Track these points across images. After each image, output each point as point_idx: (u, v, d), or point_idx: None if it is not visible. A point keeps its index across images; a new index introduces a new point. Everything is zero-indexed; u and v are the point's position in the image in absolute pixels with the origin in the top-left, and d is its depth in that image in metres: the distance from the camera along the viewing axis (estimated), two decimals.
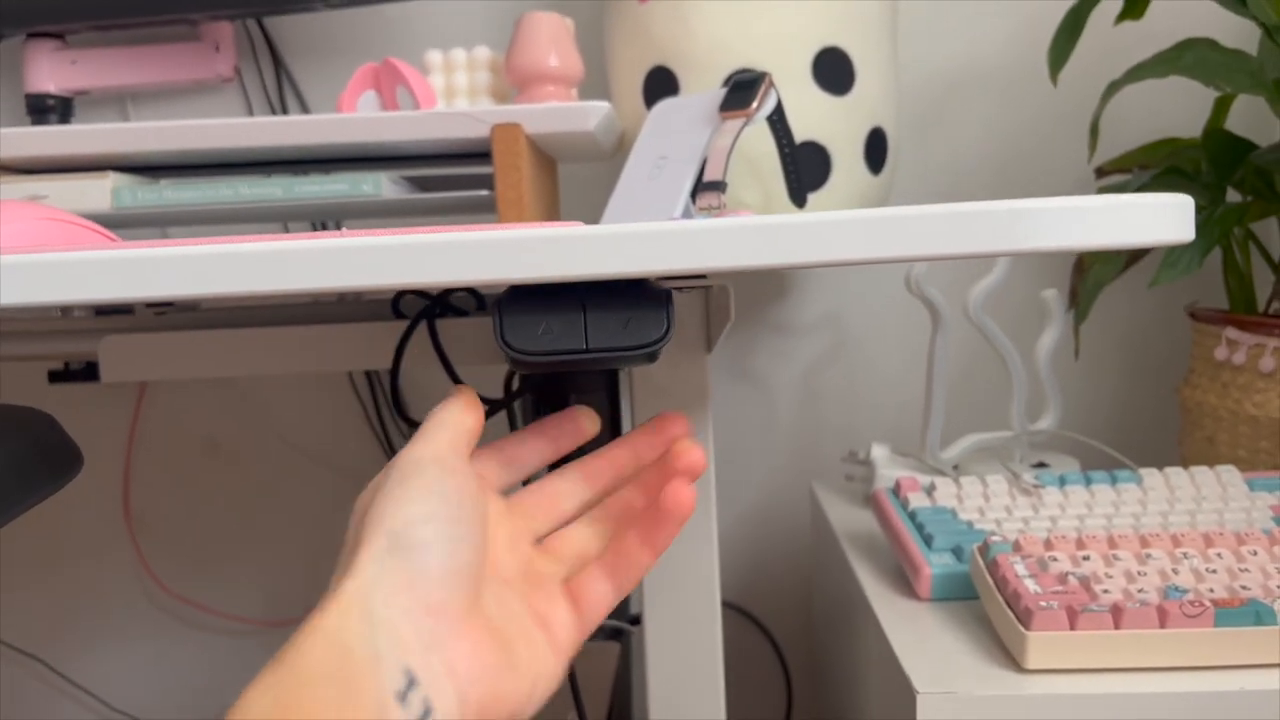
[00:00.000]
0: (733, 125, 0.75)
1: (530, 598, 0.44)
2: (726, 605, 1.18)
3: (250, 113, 1.15)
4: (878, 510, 0.81)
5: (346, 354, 0.71)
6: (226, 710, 0.35)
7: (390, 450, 1.18)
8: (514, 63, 0.85)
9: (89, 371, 1.16)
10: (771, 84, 0.76)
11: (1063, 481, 0.80)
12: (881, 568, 0.78)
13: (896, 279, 1.14)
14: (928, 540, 0.73)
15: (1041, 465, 0.93)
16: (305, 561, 1.20)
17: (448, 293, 0.71)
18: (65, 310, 0.86)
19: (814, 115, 0.87)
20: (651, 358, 0.36)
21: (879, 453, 0.95)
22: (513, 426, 0.64)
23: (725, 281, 0.63)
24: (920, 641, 0.64)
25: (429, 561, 0.37)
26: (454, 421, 0.43)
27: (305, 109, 1.14)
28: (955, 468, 0.94)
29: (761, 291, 1.15)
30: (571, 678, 0.68)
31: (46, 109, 1.08)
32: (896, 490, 0.82)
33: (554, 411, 0.67)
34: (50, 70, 1.07)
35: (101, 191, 0.84)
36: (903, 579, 0.74)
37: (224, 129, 0.81)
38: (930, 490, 0.80)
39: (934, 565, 0.71)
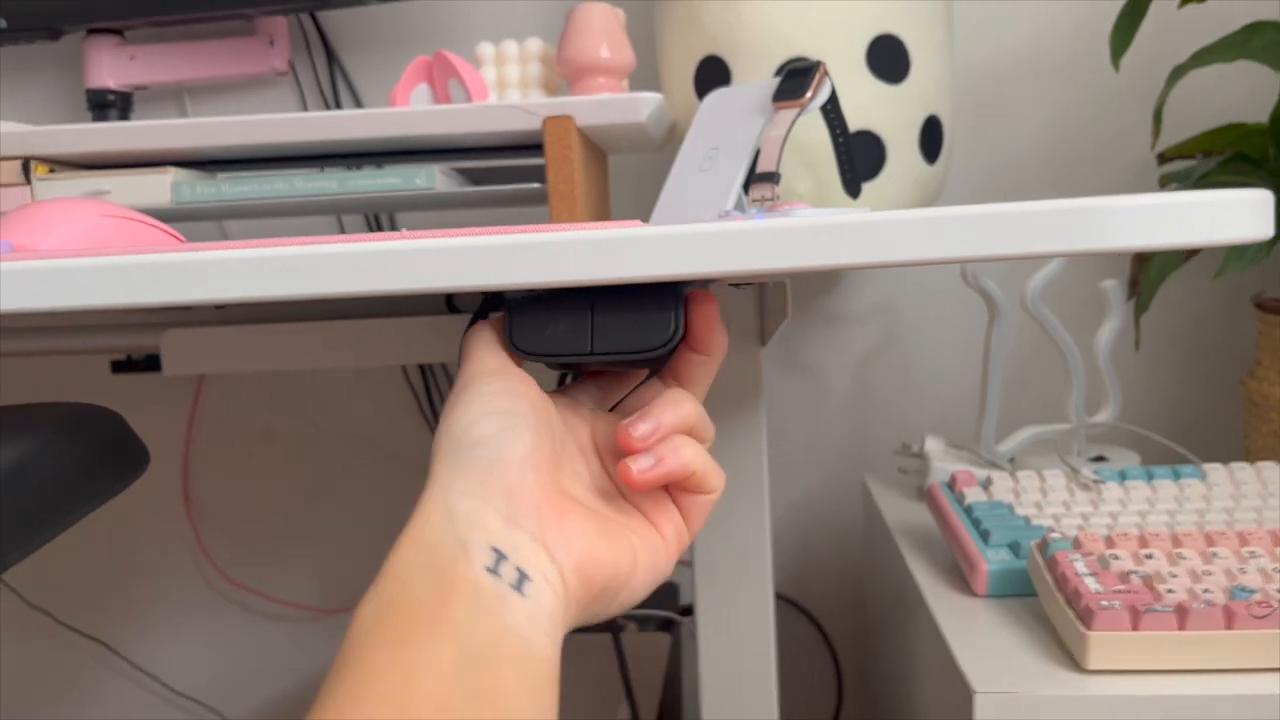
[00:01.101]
0: (786, 115, 0.74)
1: (630, 495, 0.45)
2: (777, 597, 1.18)
3: (304, 106, 1.16)
4: (933, 505, 0.80)
5: (401, 348, 0.72)
6: (284, 694, 0.35)
7: None
8: (565, 54, 0.85)
9: (151, 363, 1.19)
10: (826, 73, 0.75)
11: (1123, 476, 0.78)
12: (936, 563, 0.77)
13: (951, 269, 1.12)
14: (984, 536, 0.72)
15: (1100, 459, 0.91)
16: (361, 550, 1.22)
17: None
18: None
19: (868, 104, 0.85)
20: (661, 361, 0.36)
21: (933, 445, 0.94)
22: None
23: (782, 278, 0.62)
24: (977, 639, 0.63)
25: (493, 453, 0.38)
26: (491, 339, 0.43)
27: (358, 102, 1.15)
28: (1011, 461, 0.93)
29: (813, 282, 1.14)
30: (622, 668, 0.68)
31: (106, 104, 1.10)
32: (952, 484, 0.81)
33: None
34: (110, 66, 1.09)
35: (161, 186, 0.85)
36: (958, 575, 0.74)
37: (279, 124, 0.82)
38: (986, 484, 0.79)
39: (991, 561, 0.70)
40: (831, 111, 0.78)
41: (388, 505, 1.21)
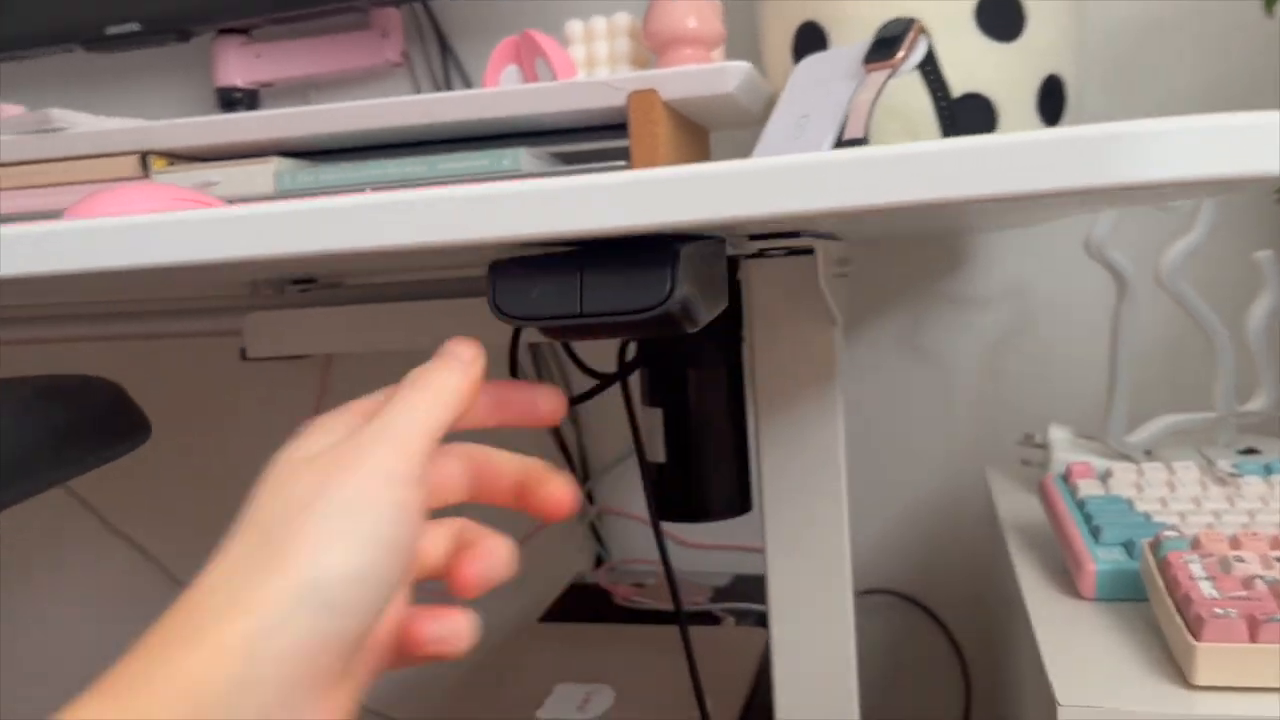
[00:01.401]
0: (876, 78, 0.69)
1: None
2: (899, 596, 1.12)
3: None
4: (1045, 498, 0.73)
5: (474, 328, 0.71)
6: (420, 676, 0.32)
7: (556, 436, 1.19)
8: (651, 27, 0.82)
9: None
10: (921, 31, 0.70)
11: (1269, 470, 0.69)
12: (1046, 562, 0.71)
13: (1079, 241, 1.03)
14: (1095, 533, 0.66)
15: (1251, 452, 0.82)
16: None
17: None
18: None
19: (976, 65, 0.79)
20: (662, 324, 0.32)
21: (1057, 435, 0.87)
22: (627, 403, 0.62)
23: (850, 245, 0.57)
24: (1074, 647, 0.57)
25: (344, 626, 0.31)
26: (432, 408, 0.37)
27: (470, 89, 1.15)
28: (1147, 453, 0.84)
29: (933, 260, 1.08)
30: (692, 669, 0.65)
31: (235, 101, 1.14)
32: (1066, 476, 0.74)
33: (671, 388, 0.64)
34: (237, 64, 1.13)
35: (265, 176, 0.88)
36: (1067, 575, 0.67)
37: (360, 110, 0.83)
38: (1105, 477, 0.72)
39: (1099, 561, 0.63)
40: (930, 73, 0.73)
41: None
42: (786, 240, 0.42)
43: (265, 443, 1.27)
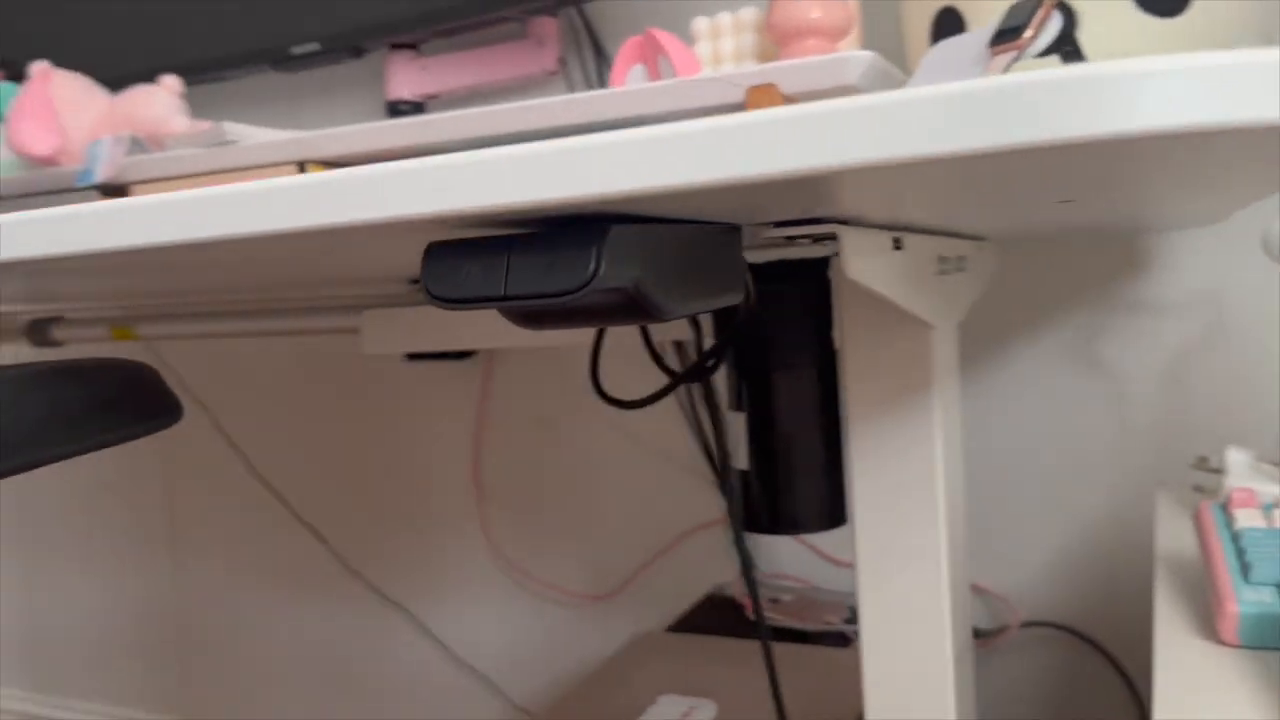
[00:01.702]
0: (1001, 62, 0.64)
1: None
2: (1067, 630, 1.03)
3: None
4: (1198, 527, 0.65)
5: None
6: (558, 678, 0.33)
7: (701, 434, 1.17)
8: (774, 19, 0.79)
9: (440, 353, 1.28)
10: (1053, 8, 0.64)
11: None
12: (1191, 599, 0.63)
13: None
14: (1245, 569, 0.57)
15: None
16: (625, 541, 1.23)
17: None
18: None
19: (1133, 42, 0.71)
20: (607, 308, 0.30)
21: (1236, 459, 0.77)
22: (710, 399, 0.59)
23: (982, 244, 0.53)
24: (1198, 697, 0.50)
25: None
26: None
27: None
28: None
29: (1110, 262, 0.98)
30: (774, 690, 0.62)
31: (403, 113, 1.19)
32: (1226, 505, 0.65)
33: (754, 391, 0.61)
34: (405, 78, 1.19)
35: None
36: (1211, 616, 0.59)
37: (489, 116, 0.84)
38: (1271, 508, 0.63)
39: (1244, 602, 0.55)
40: (1071, 54, 0.66)
41: (647, 499, 1.21)
42: (807, 227, 0.39)
43: (431, 439, 1.32)
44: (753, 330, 0.60)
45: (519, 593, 1.30)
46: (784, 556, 1.16)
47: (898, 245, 0.50)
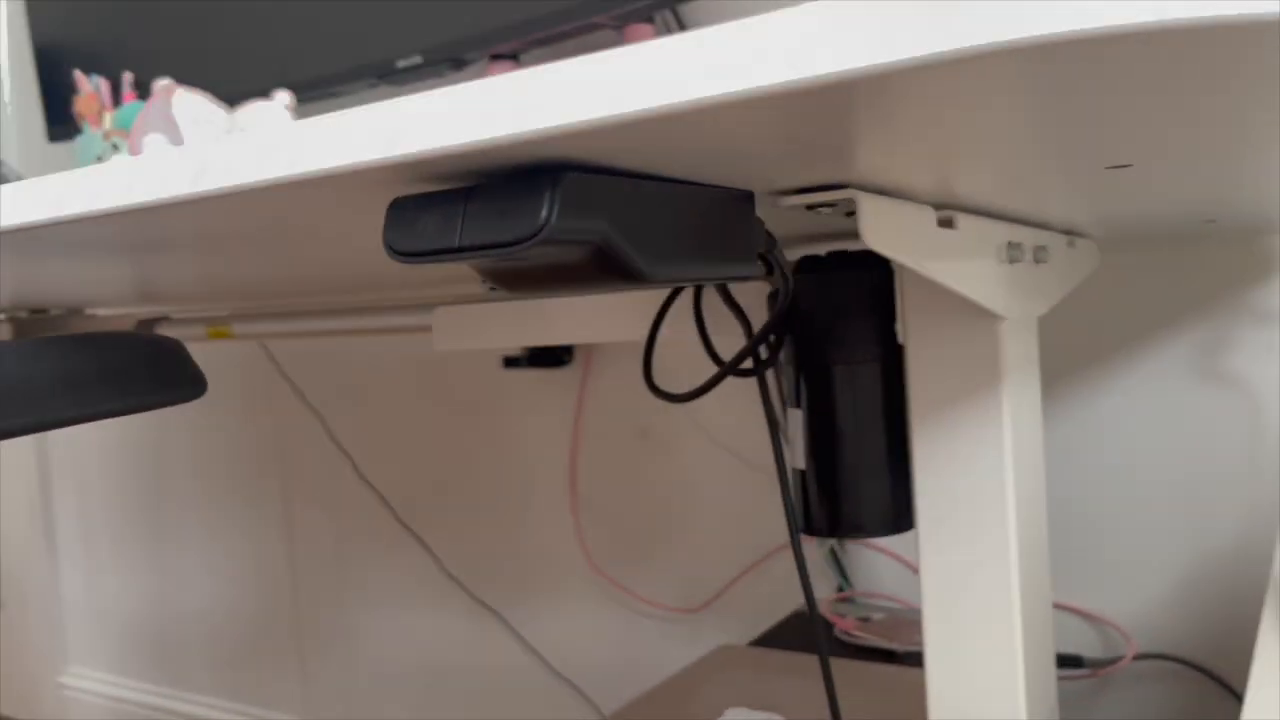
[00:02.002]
0: None
1: None
2: (1185, 663, 0.95)
3: None
4: None
5: (646, 319, 0.69)
6: (646, 686, 0.32)
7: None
8: None
9: (537, 359, 1.28)
10: None
11: None
12: None
13: None
14: None
15: None
16: (718, 555, 1.20)
17: None
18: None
19: None
20: (571, 273, 0.28)
21: None
22: (765, 396, 0.57)
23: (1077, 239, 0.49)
24: None
25: None
26: None
27: None
28: None
29: (1236, 265, 0.91)
30: (834, 710, 0.58)
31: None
32: None
33: (812, 386, 0.58)
34: None
35: None
36: None
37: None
38: None
39: None
40: None
41: (741, 513, 1.18)
42: (819, 194, 0.36)
43: (529, 447, 1.32)
44: (810, 322, 0.57)
45: (610, 603, 1.29)
46: (883, 575, 1.11)
47: (948, 224, 0.46)
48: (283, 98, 1.14)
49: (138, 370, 0.39)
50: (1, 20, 1.92)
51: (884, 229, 0.39)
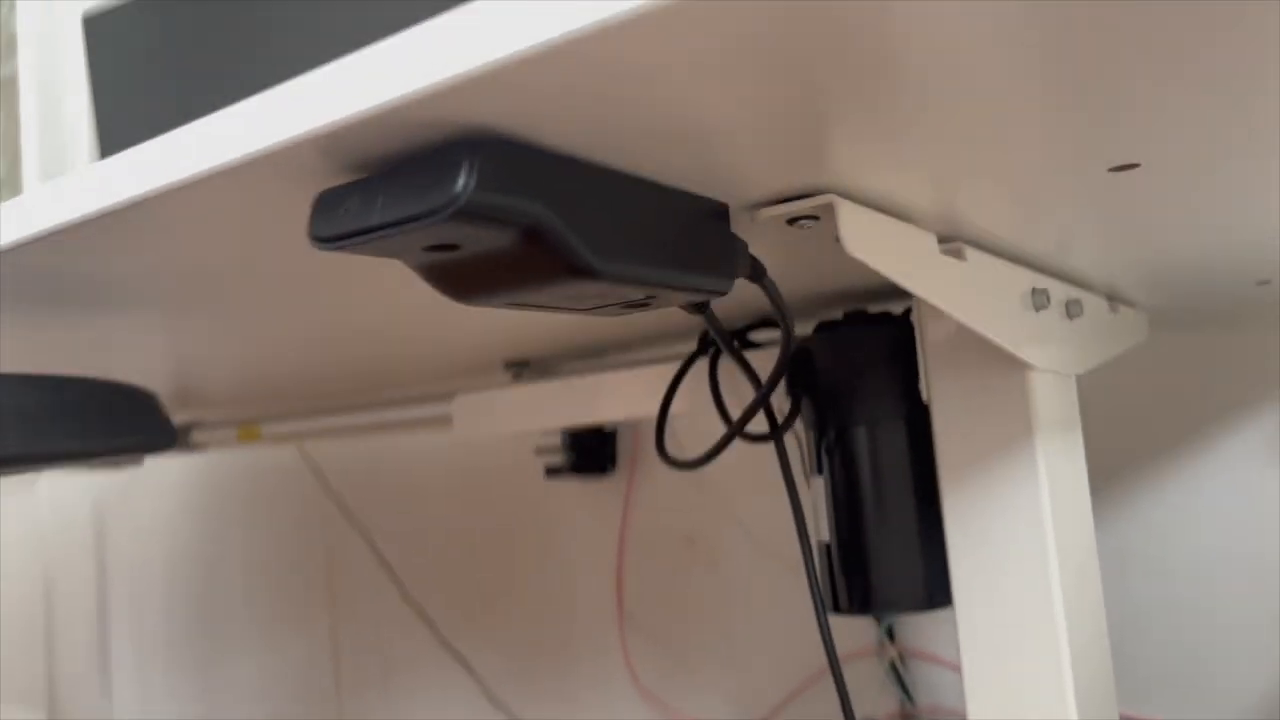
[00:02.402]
0: None
1: None
2: None
3: None
4: None
5: (655, 400, 0.66)
6: None
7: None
8: None
9: (579, 464, 1.26)
10: None
11: None
12: None
13: None
14: None
15: None
16: (771, 671, 1.13)
17: (739, 332, 0.63)
18: None
19: None
20: (507, 263, 0.25)
21: None
22: (784, 461, 0.53)
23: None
24: None
25: None
26: None
27: None
28: None
29: None
30: None
31: None
32: None
33: (834, 450, 0.55)
34: None
35: None
36: None
37: None
38: None
39: None
40: None
41: (795, 626, 1.12)
42: (796, 204, 0.33)
43: (574, 559, 1.28)
44: (828, 381, 0.54)
45: None
46: (947, 690, 1.03)
47: (956, 254, 0.43)
48: None
49: (98, 413, 0.37)
50: None
51: (868, 238, 0.36)
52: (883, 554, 0.53)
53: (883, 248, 0.37)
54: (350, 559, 1.51)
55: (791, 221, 0.35)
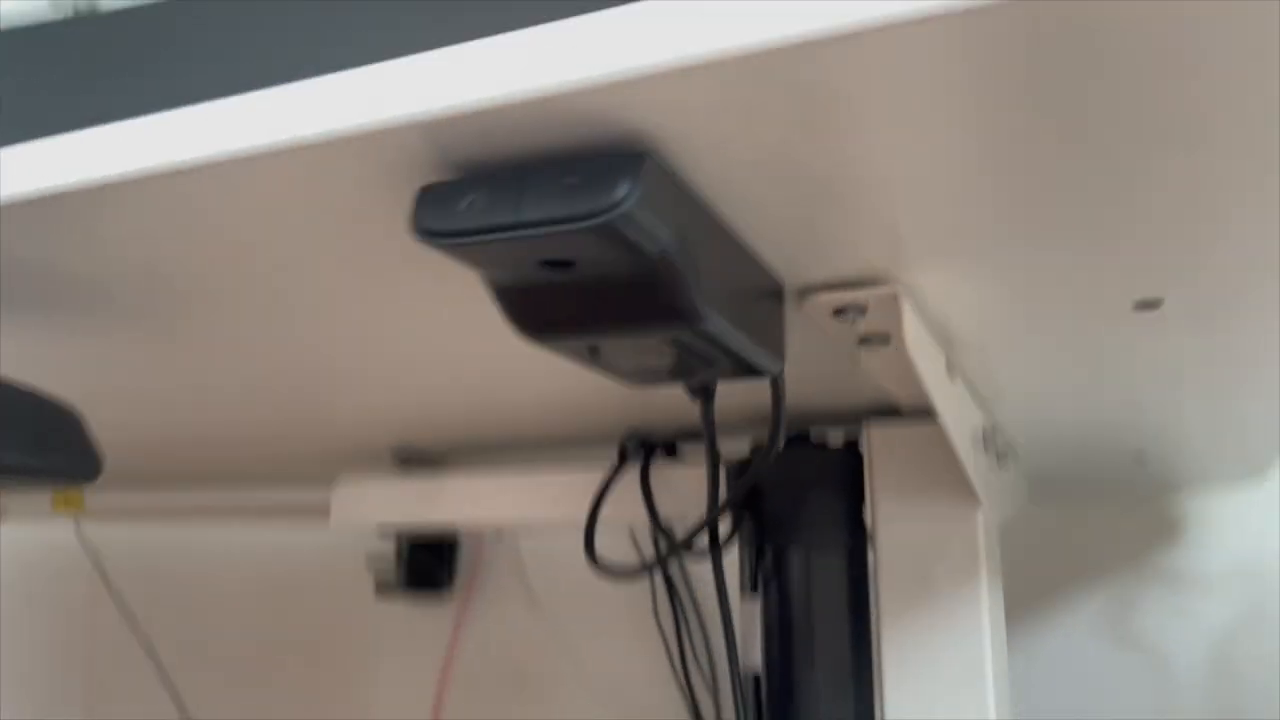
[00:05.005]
0: None
1: None
2: None
3: None
4: None
5: (569, 500, 0.63)
6: None
7: (691, 695, 1.05)
8: None
9: (414, 578, 1.17)
10: None
11: None
12: None
13: None
14: None
15: None
16: None
17: (669, 443, 0.61)
18: None
19: None
20: (615, 297, 0.24)
21: None
22: (720, 579, 0.51)
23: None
24: None
25: None
26: None
27: None
28: None
29: (1144, 526, 0.91)
30: None
31: None
32: None
33: (772, 572, 0.53)
34: None
35: None
36: None
37: None
38: None
39: None
40: None
41: None
42: (856, 291, 0.33)
43: (390, 684, 1.18)
44: (774, 501, 0.53)
45: None
46: None
47: (952, 372, 0.44)
48: None
49: (15, 432, 0.31)
50: None
51: (918, 341, 0.36)
52: (816, 691, 0.51)
53: (924, 354, 0.36)
54: (121, 663, 1.34)
55: (838, 311, 0.34)
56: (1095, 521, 0.93)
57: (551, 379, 0.47)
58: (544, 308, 0.28)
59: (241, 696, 1.27)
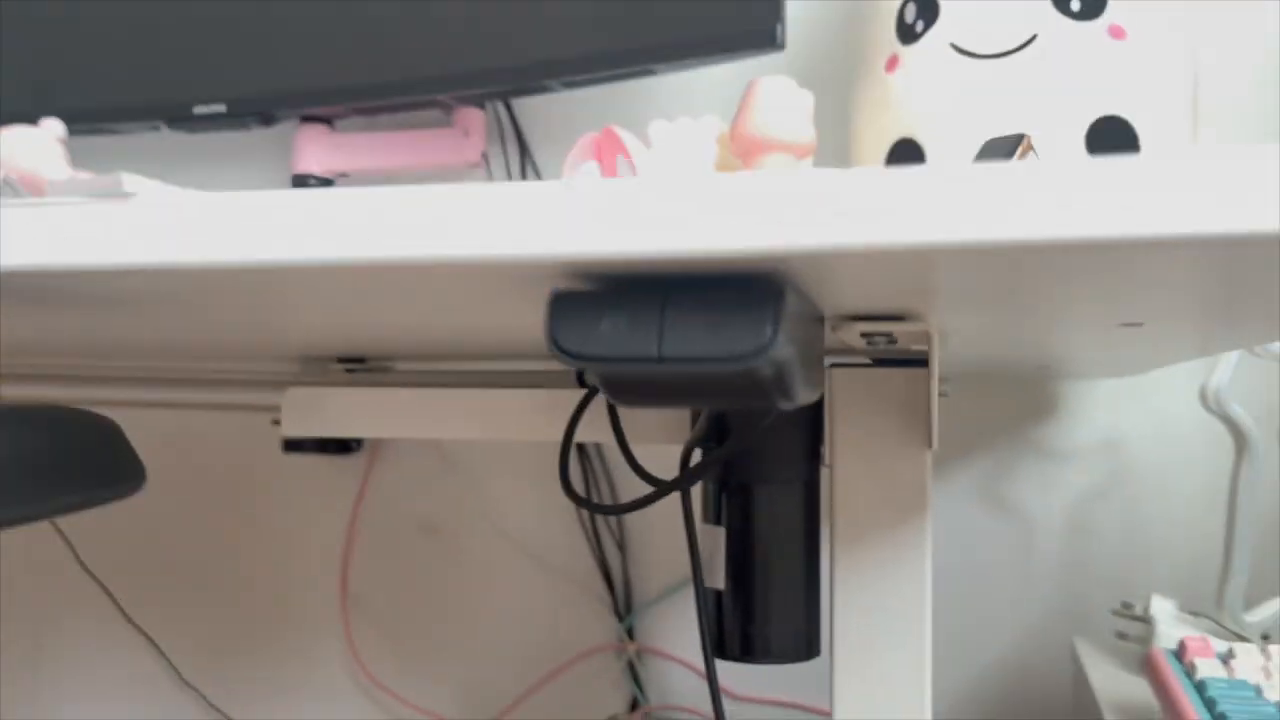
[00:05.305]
0: None
1: None
2: None
3: None
4: (1153, 676, 0.64)
5: (526, 423, 0.65)
6: None
7: (600, 551, 1.11)
8: (738, 129, 0.78)
9: (323, 445, 1.18)
10: (1030, 148, 0.65)
11: None
12: None
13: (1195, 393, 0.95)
14: None
15: None
16: (502, 661, 1.14)
17: None
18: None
19: None
20: (752, 386, 0.26)
21: (1161, 607, 0.77)
22: (688, 514, 0.55)
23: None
24: None
25: None
26: None
27: None
28: (1265, 637, 0.74)
29: (1022, 403, 1.00)
30: None
31: (308, 189, 1.13)
32: (1180, 653, 0.65)
33: (737, 505, 0.57)
34: (316, 153, 1.13)
35: None
36: None
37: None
38: (1227, 658, 0.62)
39: None
40: None
41: (533, 616, 1.14)
42: (891, 324, 0.36)
43: (297, 540, 1.21)
44: (739, 436, 0.56)
45: (384, 715, 1.19)
46: (675, 686, 1.10)
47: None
48: (51, 125, 1.01)
49: (86, 458, 0.30)
50: None
51: (936, 371, 0.39)
52: (770, 605, 0.56)
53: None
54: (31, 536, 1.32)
55: (866, 334, 0.37)
56: (978, 402, 1.01)
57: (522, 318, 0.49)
58: (645, 390, 0.29)
59: (139, 546, 1.27)
